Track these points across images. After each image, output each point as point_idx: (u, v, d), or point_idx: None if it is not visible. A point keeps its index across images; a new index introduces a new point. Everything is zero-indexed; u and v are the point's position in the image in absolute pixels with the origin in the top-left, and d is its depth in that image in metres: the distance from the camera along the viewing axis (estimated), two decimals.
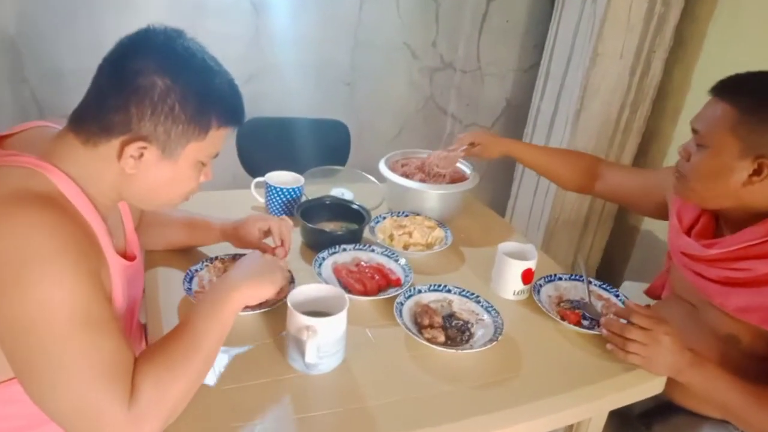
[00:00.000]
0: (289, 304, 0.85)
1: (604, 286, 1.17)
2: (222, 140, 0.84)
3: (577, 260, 1.18)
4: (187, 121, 0.77)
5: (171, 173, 0.80)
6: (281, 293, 0.97)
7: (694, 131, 1.02)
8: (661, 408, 1.17)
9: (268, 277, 0.85)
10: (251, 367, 0.87)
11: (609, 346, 0.97)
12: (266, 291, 0.84)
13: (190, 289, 1.00)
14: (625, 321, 0.96)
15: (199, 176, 0.85)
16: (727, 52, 1.95)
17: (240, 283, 0.81)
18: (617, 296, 1.14)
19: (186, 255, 1.14)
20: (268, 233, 1.09)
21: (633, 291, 1.71)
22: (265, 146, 1.83)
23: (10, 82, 1.81)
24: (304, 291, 0.90)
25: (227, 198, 1.43)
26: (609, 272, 2.36)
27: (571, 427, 1.06)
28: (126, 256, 0.90)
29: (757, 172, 0.94)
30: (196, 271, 1.05)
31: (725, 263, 1.02)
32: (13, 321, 0.65)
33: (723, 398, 0.95)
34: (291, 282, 1.04)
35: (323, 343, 0.83)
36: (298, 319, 0.83)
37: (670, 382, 0.98)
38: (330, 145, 1.90)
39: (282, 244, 1.06)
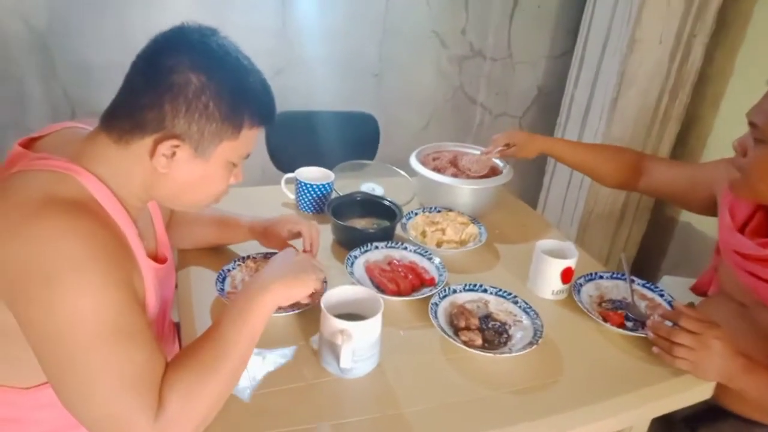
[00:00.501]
0: (323, 307, 0.83)
1: (648, 285, 1.12)
2: (254, 141, 0.82)
3: (619, 258, 1.13)
4: (221, 120, 0.75)
5: (202, 173, 0.78)
6: (314, 295, 0.95)
7: (752, 125, 0.96)
8: (707, 412, 1.11)
9: (301, 276, 0.82)
10: (284, 370, 0.86)
11: (655, 349, 0.93)
12: (299, 291, 0.82)
13: (222, 289, 0.99)
14: (672, 324, 0.91)
15: (230, 177, 0.83)
16: None
17: (271, 283, 0.79)
18: (662, 296, 1.09)
19: (218, 254, 1.13)
20: (296, 235, 1.07)
21: (674, 287, 1.64)
22: (294, 140, 1.81)
23: (41, 77, 1.83)
24: (338, 293, 0.88)
25: (258, 194, 1.41)
26: (646, 266, 2.29)
27: None
28: (157, 258, 0.89)
29: None
30: (229, 270, 1.04)
31: None
32: (43, 329, 0.64)
33: None
34: (324, 282, 1.02)
35: (358, 347, 0.81)
36: (333, 323, 0.81)
37: (719, 385, 0.93)
38: (359, 139, 1.87)
39: (310, 249, 1.04)
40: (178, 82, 0.72)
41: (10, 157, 0.77)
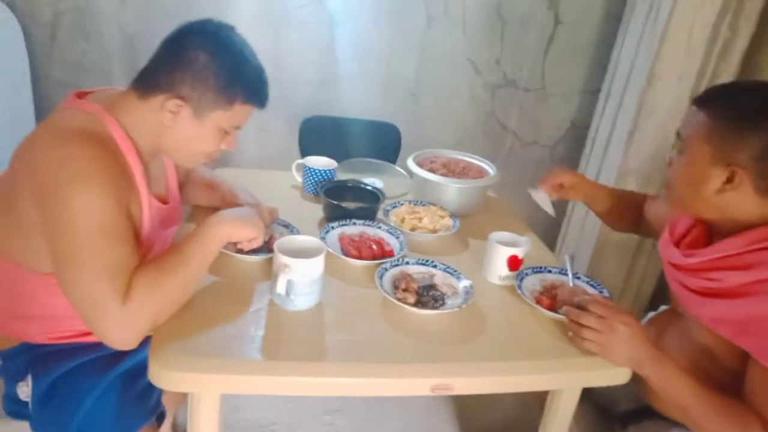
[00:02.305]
0: (275, 246, 1.01)
1: (591, 282, 1.21)
2: (245, 116, 1.04)
3: (565, 257, 1.21)
4: (217, 91, 0.98)
5: (197, 132, 1.01)
6: (271, 242, 1.14)
7: (678, 135, 1.04)
8: (640, 411, 1.17)
9: (250, 221, 1.02)
10: (244, 296, 1.04)
11: (570, 333, 1.02)
12: (246, 232, 1.01)
13: None
14: None
15: (221, 142, 1.05)
16: None
17: (225, 220, 0.99)
18: (602, 292, 1.18)
19: None
20: None
21: None
22: (323, 142, 2.03)
23: (127, 72, 2.18)
24: (291, 240, 1.06)
25: (272, 177, 1.63)
26: (663, 299, 2.26)
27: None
28: (164, 200, 1.12)
29: (729, 180, 0.95)
30: None
31: (702, 273, 1.02)
32: (53, 222, 0.87)
33: (681, 399, 0.95)
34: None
35: (297, 281, 0.98)
36: (278, 258, 0.99)
37: (646, 386, 0.99)
38: (382, 145, 2.06)
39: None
40: (189, 57, 0.96)
41: (65, 102, 1.03)
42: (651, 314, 1.81)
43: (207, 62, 0.96)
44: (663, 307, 1.80)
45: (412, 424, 1.76)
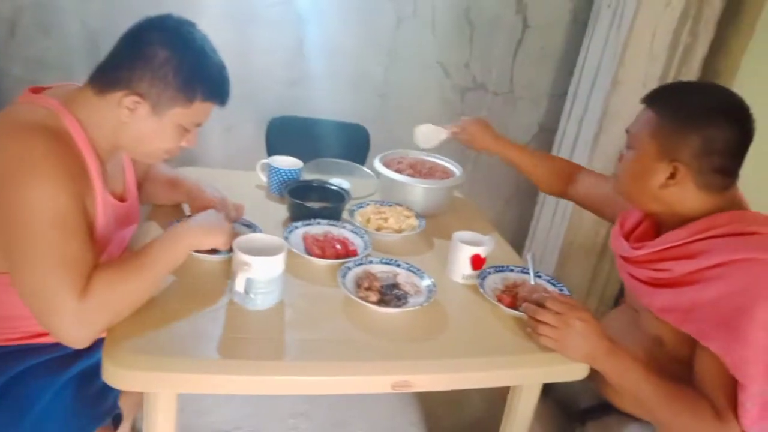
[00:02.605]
0: (233, 245, 1.00)
1: (551, 280, 1.22)
2: (206, 113, 1.03)
3: (527, 257, 1.23)
4: (176, 89, 0.96)
5: (155, 128, 0.99)
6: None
7: (627, 131, 1.07)
8: (599, 408, 1.19)
9: (218, 229, 1.02)
10: (202, 295, 1.02)
11: (528, 329, 1.03)
12: (215, 240, 1.01)
13: None
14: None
15: (180, 139, 1.04)
16: (763, 87, 1.92)
17: (194, 228, 0.98)
18: (562, 290, 1.19)
19: (179, 213, 1.32)
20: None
21: None
22: (290, 142, 2.00)
23: (89, 71, 2.14)
24: (252, 238, 1.04)
25: (237, 176, 1.61)
26: None
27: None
28: (121, 198, 1.09)
29: (672, 175, 0.99)
30: (177, 222, 1.22)
31: (650, 264, 1.05)
32: (6, 214, 0.84)
33: (634, 389, 0.98)
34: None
35: (256, 279, 0.97)
36: (237, 256, 0.97)
37: (604, 382, 1.01)
38: (350, 146, 2.06)
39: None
40: (149, 53, 0.94)
41: (21, 96, 0.99)
42: (611, 311, 1.85)
43: (166, 58, 0.94)
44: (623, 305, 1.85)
45: (378, 426, 1.75)
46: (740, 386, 0.88)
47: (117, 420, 1.12)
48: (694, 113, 0.97)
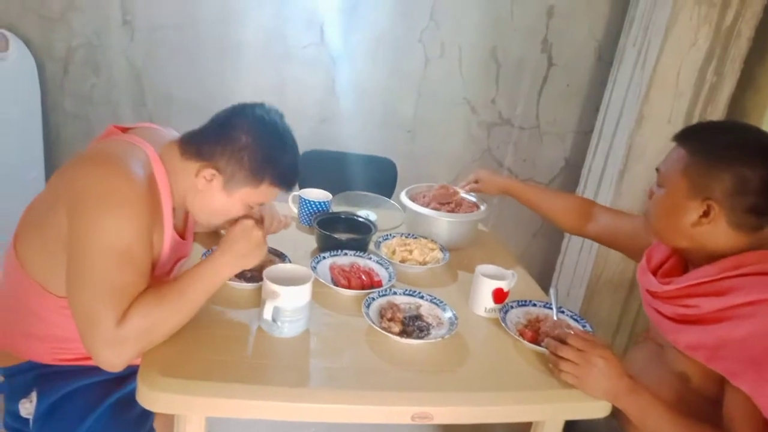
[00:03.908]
0: (264, 275, 1.04)
1: (574, 316, 1.23)
2: (271, 195, 1.10)
3: (550, 292, 1.25)
4: (249, 171, 1.04)
5: (224, 203, 1.07)
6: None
7: (657, 170, 1.09)
8: None
9: (251, 252, 1.05)
10: (232, 322, 1.07)
11: (550, 365, 1.04)
12: (249, 263, 1.05)
13: None
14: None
15: (243, 211, 1.10)
16: None
17: (228, 260, 1.02)
18: (584, 326, 1.20)
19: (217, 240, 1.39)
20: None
21: None
22: (321, 175, 2.07)
23: (134, 104, 2.27)
24: (281, 268, 1.09)
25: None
26: None
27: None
28: (181, 235, 1.16)
29: (705, 213, 0.99)
30: (213, 249, 1.28)
31: (678, 300, 1.05)
32: (78, 232, 0.91)
33: (655, 428, 0.97)
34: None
35: (284, 308, 1.01)
36: (266, 285, 1.02)
37: (620, 411, 1.01)
38: (379, 180, 2.11)
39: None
40: (233, 135, 1.03)
41: (104, 134, 1.08)
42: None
43: (247, 143, 1.03)
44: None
45: None
46: None
47: None
48: (727, 151, 0.97)
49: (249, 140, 1.02)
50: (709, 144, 1.00)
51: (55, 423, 1.03)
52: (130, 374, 0.93)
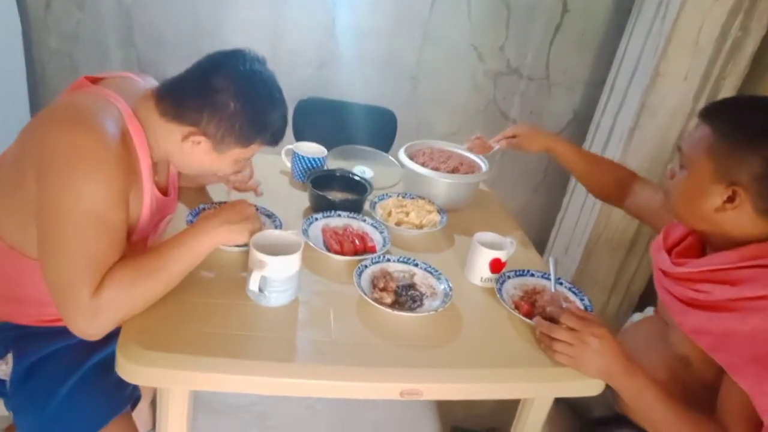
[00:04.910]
0: (250, 242, 1.00)
1: (573, 288, 1.19)
2: (258, 150, 1.06)
3: (548, 260, 1.20)
4: (240, 135, 0.99)
5: (214, 162, 1.04)
6: None
7: (679, 149, 1.02)
8: (613, 419, 1.17)
9: (244, 225, 1.01)
10: (216, 290, 1.03)
11: (541, 345, 1.01)
12: (240, 237, 1.01)
13: (191, 221, 1.18)
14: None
15: (234, 168, 1.07)
16: None
17: (218, 226, 0.98)
18: (582, 300, 1.16)
19: (204, 197, 1.33)
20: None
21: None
22: (317, 125, 2.00)
23: (122, 45, 2.15)
24: (268, 235, 1.04)
25: (261, 161, 1.59)
26: (653, 301, 2.26)
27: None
28: (164, 191, 1.10)
29: (730, 199, 0.93)
30: (204, 209, 1.23)
31: (690, 283, 1.01)
32: (49, 198, 0.85)
33: (650, 412, 0.95)
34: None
35: (271, 278, 0.97)
36: (253, 254, 0.97)
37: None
38: (377, 131, 2.03)
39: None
40: (221, 102, 0.96)
41: (74, 85, 1.00)
42: (637, 314, 1.80)
43: (237, 111, 0.97)
44: (649, 309, 1.81)
45: (393, 411, 1.77)
46: (766, 428, 0.85)
47: (135, 402, 1.16)
48: (754, 131, 0.90)
49: (238, 106, 0.96)
50: (737, 123, 0.92)
51: (33, 386, 1.01)
52: (111, 335, 0.89)
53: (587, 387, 1.00)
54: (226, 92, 0.95)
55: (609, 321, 2.26)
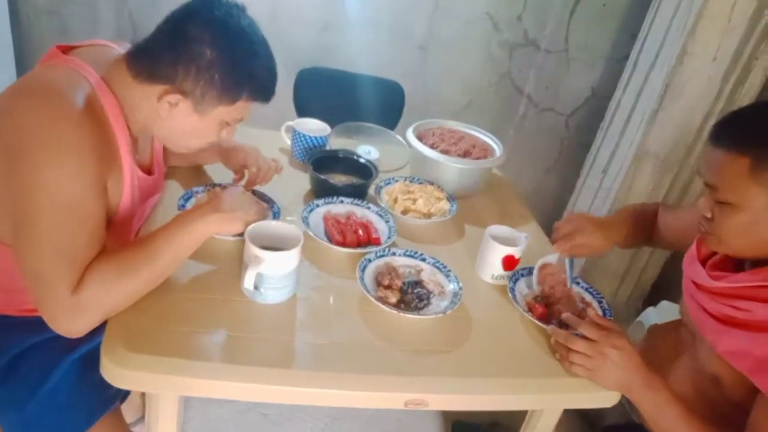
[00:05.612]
0: (245, 234, 0.92)
1: (590, 289, 1.12)
2: (249, 110, 0.94)
3: (565, 260, 1.12)
4: (222, 90, 0.87)
5: (197, 125, 0.91)
6: None
7: (708, 186, 0.90)
8: (625, 427, 1.12)
9: (239, 214, 0.93)
10: (209, 283, 0.96)
11: (557, 355, 0.94)
12: (234, 226, 0.93)
13: (183, 206, 1.10)
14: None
15: (221, 132, 0.95)
16: None
17: (209, 214, 0.90)
18: (600, 302, 1.09)
19: (198, 177, 1.25)
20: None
21: (669, 312, 1.60)
22: (320, 97, 1.89)
23: (113, 3, 2.02)
24: (265, 226, 0.96)
25: (260, 136, 1.51)
26: (664, 290, 2.19)
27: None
28: (148, 171, 1.01)
29: None
30: (196, 192, 1.15)
31: (727, 299, 0.92)
32: (20, 185, 0.77)
33: (669, 427, 0.89)
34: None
35: (268, 274, 0.90)
36: (249, 248, 0.89)
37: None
38: (384, 105, 1.92)
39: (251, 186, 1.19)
40: (195, 51, 0.84)
41: (46, 56, 0.90)
42: (651, 309, 1.73)
43: (214, 59, 0.85)
44: (664, 302, 1.74)
45: None
46: None
47: (125, 395, 1.10)
48: None
49: (215, 54, 0.85)
50: None
51: (15, 380, 0.95)
52: (98, 327, 0.83)
53: (603, 399, 0.94)
54: (200, 40, 0.84)
55: (619, 309, 2.20)
